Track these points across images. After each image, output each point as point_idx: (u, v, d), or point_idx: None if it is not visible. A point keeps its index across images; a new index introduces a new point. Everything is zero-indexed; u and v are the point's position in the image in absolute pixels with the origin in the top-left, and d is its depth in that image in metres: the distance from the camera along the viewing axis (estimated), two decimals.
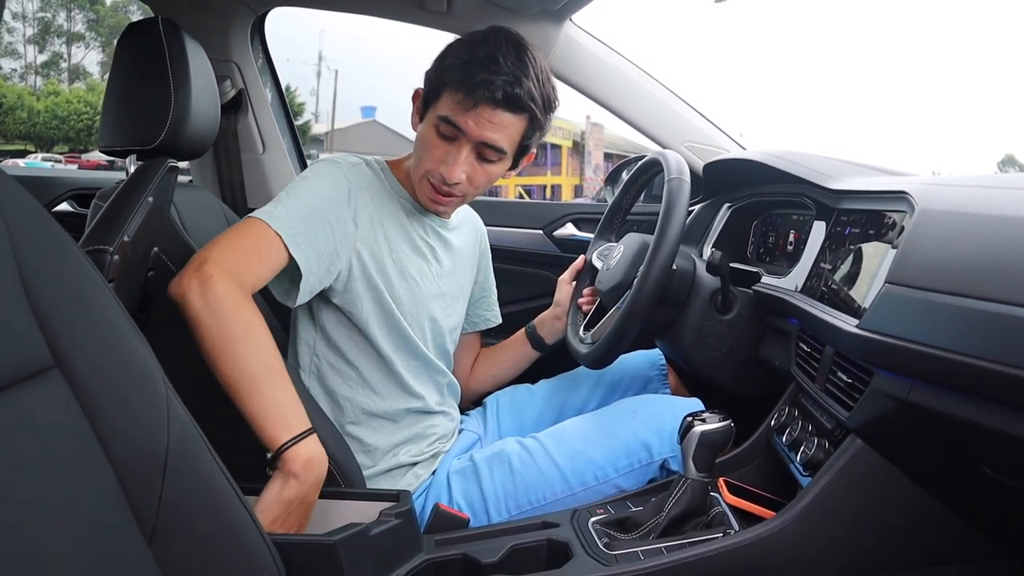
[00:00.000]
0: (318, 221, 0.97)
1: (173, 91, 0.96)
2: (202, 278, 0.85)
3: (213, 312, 0.84)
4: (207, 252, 0.88)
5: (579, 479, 1.05)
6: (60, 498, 0.53)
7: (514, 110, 0.99)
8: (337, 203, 1.00)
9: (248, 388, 0.83)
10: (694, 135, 1.59)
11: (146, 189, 0.90)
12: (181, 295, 0.85)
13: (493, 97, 0.97)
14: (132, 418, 0.59)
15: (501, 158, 1.04)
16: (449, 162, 1.01)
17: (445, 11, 1.51)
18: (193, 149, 1.04)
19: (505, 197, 5.47)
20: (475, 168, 1.03)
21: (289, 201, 0.96)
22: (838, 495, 0.82)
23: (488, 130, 0.99)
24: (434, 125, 1.01)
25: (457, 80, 0.98)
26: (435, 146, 1.02)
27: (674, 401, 1.14)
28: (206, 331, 0.84)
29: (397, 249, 1.07)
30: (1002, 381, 0.59)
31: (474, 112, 0.98)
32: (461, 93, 0.98)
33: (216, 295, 0.84)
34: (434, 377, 1.15)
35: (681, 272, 1.14)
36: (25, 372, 0.52)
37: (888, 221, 0.86)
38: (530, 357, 1.36)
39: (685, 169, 1.08)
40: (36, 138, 28.69)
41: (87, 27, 35.29)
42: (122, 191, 0.89)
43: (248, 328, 0.86)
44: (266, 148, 1.75)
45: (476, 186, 1.05)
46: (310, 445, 0.85)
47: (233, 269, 0.87)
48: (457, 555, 0.91)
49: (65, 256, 0.58)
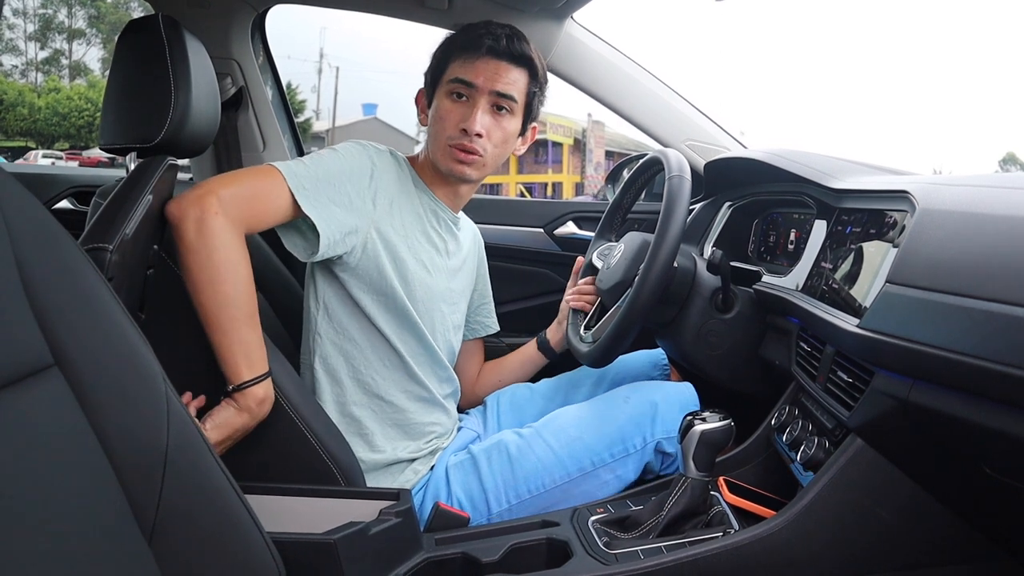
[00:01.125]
0: (336, 190, 1.00)
1: (173, 89, 0.96)
2: (203, 208, 0.88)
3: (206, 246, 0.88)
4: (214, 183, 0.91)
5: (576, 465, 1.06)
6: (60, 497, 0.53)
7: (517, 62, 1.09)
8: (359, 179, 1.03)
9: (226, 325, 0.89)
10: (695, 133, 1.59)
11: (146, 187, 0.90)
12: (179, 219, 0.88)
13: (497, 46, 1.07)
14: (132, 416, 0.59)
15: (513, 109, 1.11)
16: (467, 116, 1.08)
17: (446, 8, 1.51)
18: (193, 147, 1.04)
19: (506, 195, 5.47)
20: (491, 121, 1.09)
21: (311, 163, 1.00)
22: (838, 494, 0.82)
23: (497, 81, 1.08)
24: (446, 94, 1.10)
25: (460, 45, 1.09)
26: (451, 111, 1.09)
27: (666, 386, 1.15)
28: (196, 263, 0.88)
29: (412, 236, 1.10)
30: (1002, 381, 0.58)
31: (482, 63, 1.08)
32: (466, 52, 1.08)
33: (212, 230, 0.88)
34: (436, 370, 1.16)
35: (682, 270, 1.14)
36: (25, 371, 0.52)
37: (889, 220, 0.86)
38: (537, 362, 1.38)
39: (686, 167, 1.08)
40: (37, 135, 28.70)
41: (88, 23, 35.26)
42: (121, 189, 0.89)
43: (236, 269, 0.90)
44: (267, 146, 1.75)
45: (495, 143, 1.11)
46: (267, 386, 0.92)
47: (235, 207, 0.91)
48: (457, 554, 0.91)
49: (65, 254, 0.58)
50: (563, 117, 31.76)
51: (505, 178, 33.06)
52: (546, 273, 1.71)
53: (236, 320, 0.89)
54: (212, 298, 0.88)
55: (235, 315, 0.89)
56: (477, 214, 1.78)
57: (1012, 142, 64.89)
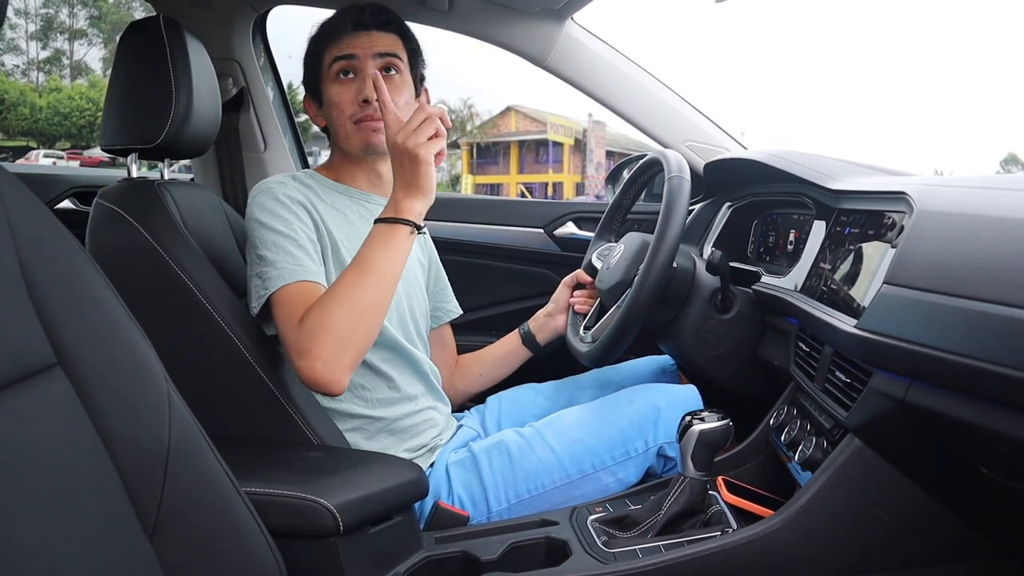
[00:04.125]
0: (299, 247, 1.01)
1: (174, 90, 0.96)
2: (311, 369, 0.91)
3: (333, 369, 0.91)
4: (302, 347, 0.91)
5: (577, 466, 1.05)
6: (62, 495, 0.53)
7: (386, 28, 1.13)
8: (304, 224, 1.04)
9: (384, 280, 0.95)
10: (695, 134, 1.59)
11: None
12: (315, 386, 0.93)
13: (362, 19, 1.12)
14: (134, 415, 0.59)
15: (400, 68, 1.14)
16: (360, 87, 1.10)
17: (447, 10, 1.51)
18: (194, 147, 1.04)
19: (507, 195, 5.46)
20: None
21: (273, 255, 0.99)
22: (836, 494, 0.82)
23: (375, 45, 1.12)
24: (333, 80, 1.12)
25: (328, 33, 1.13)
26: (343, 91, 1.12)
27: (670, 389, 1.14)
28: (342, 346, 0.92)
29: (352, 245, 1.08)
30: (999, 382, 0.59)
31: (354, 37, 1.12)
32: (337, 34, 1.12)
33: (327, 365, 0.91)
34: (414, 368, 1.15)
35: (681, 270, 1.14)
36: (27, 370, 0.53)
37: (888, 221, 0.86)
38: (520, 356, 1.35)
39: (685, 167, 1.08)
40: (38, 134, 28.72)
41: (89, 23, 35.29)
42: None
43: (347, 311, 0.92)
44: (268, 146, 1.75)
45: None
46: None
47: (301, 330, 0.92)
48: (456, 552, 0.91)
49: (67, 255, 0.58)
50: (563, 117, 31.76)
51: (506, 178, 33.03)
52: (546, 273, 1.71)
53: (381, 294, 0.96)
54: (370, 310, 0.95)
55: (377, 300, 0.95)
56: (477, 214, 1.79)
57: (1013, 142, 64.81)
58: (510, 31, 1.51)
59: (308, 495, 0.78)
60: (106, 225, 0.98)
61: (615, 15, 42.98)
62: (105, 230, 0.99)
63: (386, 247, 0.95)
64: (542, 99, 50.44)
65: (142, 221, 0.96)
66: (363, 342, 0.95)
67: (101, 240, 0.99)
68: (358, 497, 0.82)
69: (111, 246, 0.98)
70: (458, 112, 32.88)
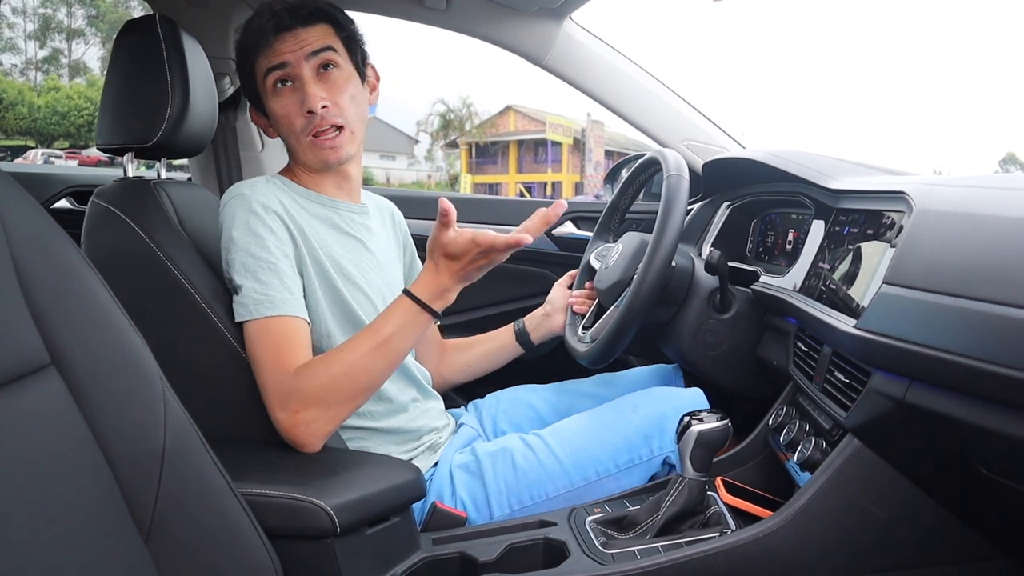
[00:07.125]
0: (276, 274, 0.97)
1: (171, 89, 0.96)
2: (293, 427, 0.91)
3: (313, 435, 0.92)
4: (281, 397, 0.92)
5: (580, 474, 1.04)
6: (57, 496, 0.53)
7: (310, 22, 1.04)
8: (274, 237, 0.99)
9: (392, 361, 0.96)
10: (694, 134, 1.59)
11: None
12: (288, 440, 0.93)
13: (281, 21, 1.02)
14: (129, 416, 0.59)
15: (337, 61, 1.05)
16: (302, 98, 1.03)
17: (444, 9, 1.51)
18: (191, 147, 1.04)
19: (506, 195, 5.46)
20: (327, 86, 1.04)
21: (250, 282, 0.96)
22: (835, 494, 0.82)
23: (304, 45, 1.03)
24: (271, 92, 1.05)
25: (252, 44, 1.04)
26: (286, 104, 1.04)
27: (677, 394, 1.13)
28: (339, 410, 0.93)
29: (333, 254, 1.05)
30: (998, 382, 0.59)
31: (280, 41, 1.02)
32: (261, 44, 1.03)
33: (309, 429, 0.91)
34: (402, 373, 1.12)
35: (680, 270, 1.14)
36: (22, 370, 0.52)
37: (887, 221, 0.86)
38: (512, 352, 1.33)
39: (684, 167, 1.08)
40: (36, 133, 28.71)
41: (87, 23, 35.27)
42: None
43: (348, 384, 0.93)
44: (264, 146, 1.75)
45: (342, 105, 1.05)
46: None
47: (293, 386, 0.91)
48: (454, 554, 0.91)
49: (62, 254, 0.58)
50: (562, 117, 31.79)
51: (505, 177, 33.06)
52: (544, 273, 1.71)
53: (387, 362, 0.96)
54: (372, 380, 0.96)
55: (383, 366, 0.96)
56: (477, 214, 1.79)
57: (1012, 142, 64.88)
58: (508, 30, 1.50)
59: (304, 496, 0.78)
60: (102, 225, 0.98)
61: (614, 14, 43.03)
62: (101, 230, 0.98)
63: (403, 328, 0.95)
64: (541, 99, 50.49)
65: (138, 221, 0.96)
66: (351, 412, 0.96)
67: (97, 240, 0.98)
68: (355, 498, 0.81)
69: (107, 246, 0.97)
70: (457, 111, 32.96)
